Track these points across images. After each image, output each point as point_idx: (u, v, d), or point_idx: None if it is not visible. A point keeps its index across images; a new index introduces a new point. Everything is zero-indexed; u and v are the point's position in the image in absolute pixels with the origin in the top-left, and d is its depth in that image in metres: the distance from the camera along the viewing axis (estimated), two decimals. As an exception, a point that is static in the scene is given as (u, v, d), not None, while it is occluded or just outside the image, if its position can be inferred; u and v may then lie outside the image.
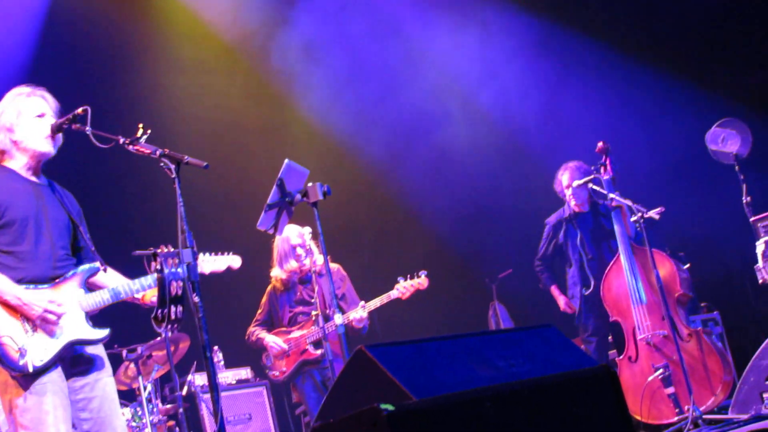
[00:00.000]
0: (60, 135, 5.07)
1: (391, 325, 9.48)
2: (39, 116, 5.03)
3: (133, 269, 5.06)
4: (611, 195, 7.47)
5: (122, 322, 5.17)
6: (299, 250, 7.79)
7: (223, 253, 5.57)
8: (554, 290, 8.45)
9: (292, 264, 7.88)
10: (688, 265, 7.88)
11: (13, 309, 4.72)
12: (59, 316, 4.78)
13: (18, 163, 5.04)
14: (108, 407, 4.97)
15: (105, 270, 5.09)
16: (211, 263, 5.49)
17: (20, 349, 4.68)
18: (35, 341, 4.73)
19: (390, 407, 2.74)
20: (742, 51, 9.24)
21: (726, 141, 7.70)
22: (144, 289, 5.00)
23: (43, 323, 4.73)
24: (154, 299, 4.87)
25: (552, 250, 8.44)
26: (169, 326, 4.60)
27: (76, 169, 5.85)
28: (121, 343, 7.32)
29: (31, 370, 4.68)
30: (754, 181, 7.51)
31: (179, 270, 4.54)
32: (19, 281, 4.78)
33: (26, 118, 5.02)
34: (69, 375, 4.89)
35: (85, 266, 5.02)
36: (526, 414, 3.13)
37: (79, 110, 4.90)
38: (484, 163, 9.84)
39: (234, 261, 5.62)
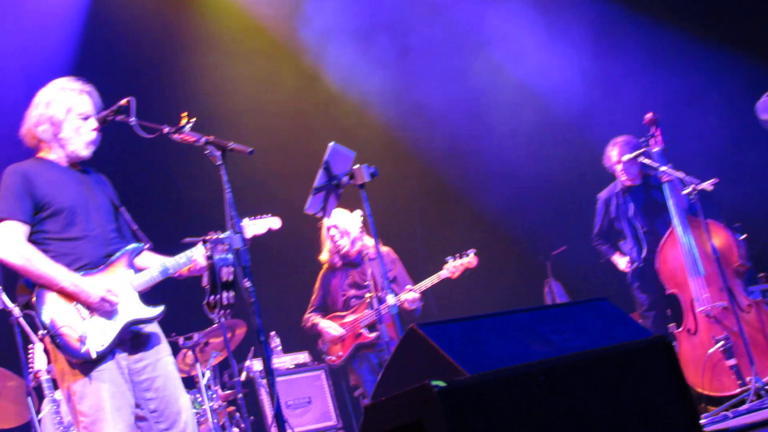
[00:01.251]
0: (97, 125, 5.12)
1: (448, 306, 9.45)
2: (84, 118, 5.05)
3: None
4: (663, 167, 7.36)
5: (179, 309, 5.18)
6: (332, 231, 7.86)
7: (262, 216, 5.54)
8: (615, 256, 8.33)
9: (328, 244, 7.96)
10: (744, 236, 7.74)
11: (68, 296, 4.74)
12: (116, 303, 4.80)
13: (55, 155, 5.07)
14: (172, 385, 4.99)
15: (150, 247, 5.11)
16: (252, 227, 5.48)
17: (80, 336, 4.71)
18: (93, 326, 4.75)
19: (441, 384, 2.71)
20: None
21: (779, 110, 7.57)
22: (190, 261, 5.00)
23: (101, 309, 4.76)
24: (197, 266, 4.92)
25: (607, 226, 8.36)
26: (222, 312, 4.62)
27: (125, 159, 5.87)
28: (178, 331, 7.36)
29: (94, 356, 4.71)
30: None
31: (229, 256, 4.55)
32: (74, 266, 4.81)
33: (74, 118, 5.04)
34: (131, 354, 4.92)
35: (132, 245, 5.04)
36: (580, 387, 3.08)
37: (123, 101, 4.92)
38: (535, 141, 9.77)
39: (274, 222, 5.58)
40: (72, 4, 10.13)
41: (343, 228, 7.83)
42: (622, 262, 8.24)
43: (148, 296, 4.99)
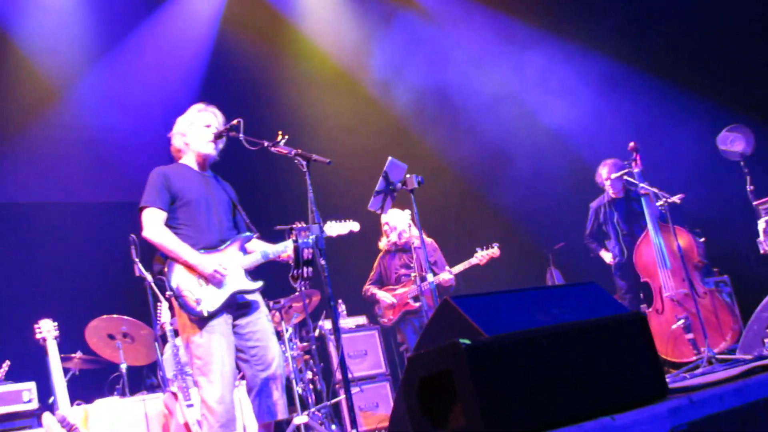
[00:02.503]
0: (221, 141, 5.20)
1: (472, 284, 9.40)
2: (206, 126, 5.17)
3: (276, 239, 5.16)
4: (641, 184, 7.28)
5: (269, 280, 5.22)
6: (385, 227, 8.05)
7: (345, 220, 5.57)
8: (602, 252, 8.28)
9: (384, 237, 8.08)
10: (703, 239, 7.64)
11: (190, 268, 4.85)
12: (224, 275, 4.85)
13: (190, 160, 5.20)
14: (267, 336, 5.04)
15: (258, 236, 5.18)
16: (336, 228, 5.51)
17: (197, 299, 4.82)
18: (208, 292, 4.85)
19: (467, 342, 2.69)
20: (748, 67, 8.87)
21: (733, 142, 7.50)
22: (285, 250, 5.09)
23: (212, 279, 4.81)
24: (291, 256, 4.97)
25: (596, 228, 8.31)
26: (302, 283, 4.68)
27: (237, 166, 5.91)
28: (269, 297, 7.38)
29: (206, 314, 4.81)
30: (756, 173, 7.31)
31: (309, 240, 4.60)
32: (197, 247, 4.91)
33: (196, 127, 5.16)
34: (237, 316, 5.00)
35: (243, 234, 5.15)
36: (573, 349, 3.04)
37: (234, 121, 5.03)
38: (542, 163, 9.70)
39: (354, 226, 5.61)
40: (199, 50, 10.30)
41: (393, 225, 7.97)
42: (607, 256, 8.20)
43: (253, 272, 5.09)
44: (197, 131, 5.17)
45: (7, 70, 9.20)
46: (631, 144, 7.35)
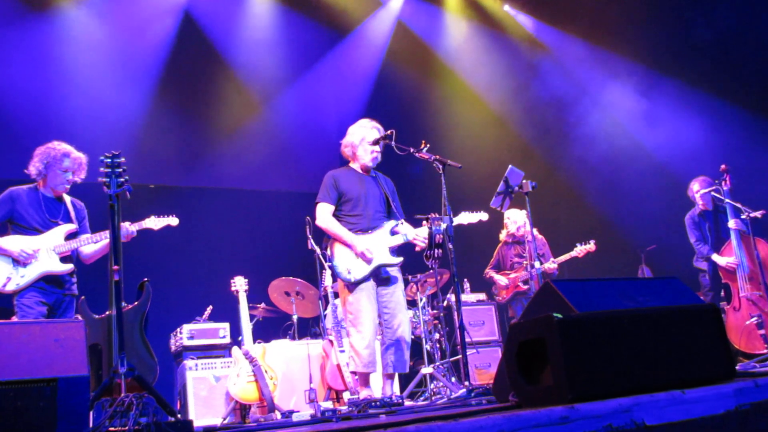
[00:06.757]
0: (380, 145, 5.25)
1: (574, 275, 9.12)
2: (370, 144, 5.24)
3: (415, 226, 5.17)
4: (727, 200, 6.81)
5: (411, 259, 5.27)
6: (506, 220, 7.91)
7: (477, 211, 5.54)
8: (714, 256, 7.17)
9: (504, 230, 7.98)
10: (781, 250, 7.06)
11: (347, 246, 5.06)
12: (371, 252, 5.00)
13: (355, 165, 5.33)
14: (399, 307, 5.13)
15: (402, 222, 5.26)
16: (468, 217, 5.51)
17: (348, 269, 4.97)
18: (357, 264, 5.03)
19: (559, 315, 2.61)
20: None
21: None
22: (415, 236, 5.12)
23: (362, 256, 4.97)
24: (420, 241, 4.97)
25: (699, 236, 7.56)
26: (433, 262, 4.72)
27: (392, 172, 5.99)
28: (409, 272, 7.42)
29: (352, 280, 5.01)
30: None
31: (441, 227, 4.61)
32: (354, 229, 5.11)
33: (364, 144, 5.24)
34: (379, 285, 5.13)
35: (390, 222, 5.25)
36: (652, 330, 2.88)
37: (388, 132, 5.10)
38: (639, 179, 9.25)
39: (483, 216, 5.58)
40: (367, 75, 10.50)
41: (514, 219, 7.84)
42: (721, 260, 7.07)
43: (397, 251, 5.20)
44: (365, 148, 5.27)
45: (222, 86, 9.67)
46: (723, 166, 6.88)
